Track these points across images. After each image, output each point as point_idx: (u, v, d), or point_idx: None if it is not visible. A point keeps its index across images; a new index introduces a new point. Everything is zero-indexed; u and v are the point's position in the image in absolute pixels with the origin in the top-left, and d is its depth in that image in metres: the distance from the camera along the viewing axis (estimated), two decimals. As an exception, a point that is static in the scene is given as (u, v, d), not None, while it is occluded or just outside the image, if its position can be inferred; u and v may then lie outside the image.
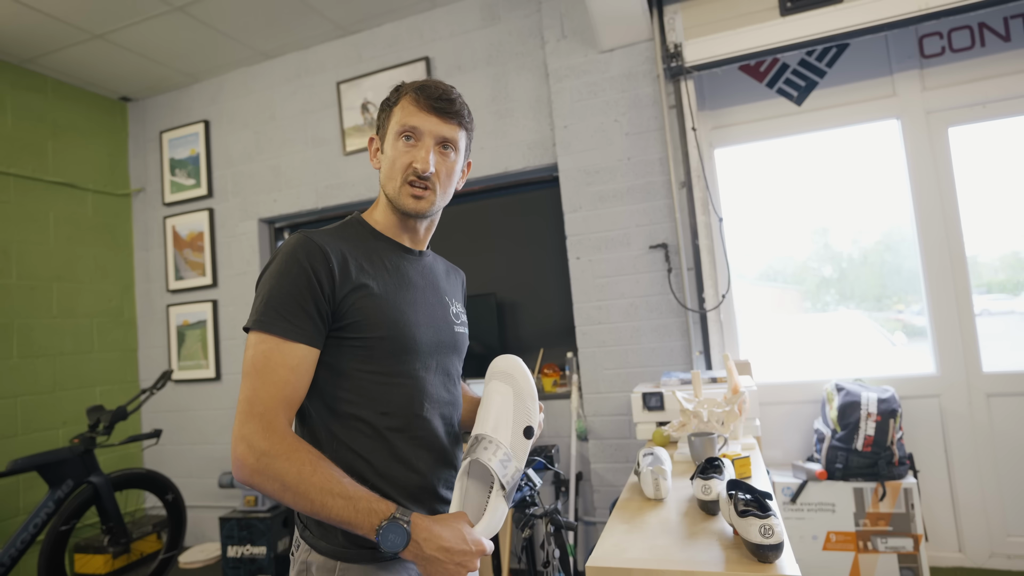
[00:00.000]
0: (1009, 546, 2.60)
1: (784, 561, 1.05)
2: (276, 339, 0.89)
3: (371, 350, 0.97)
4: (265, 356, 0.89)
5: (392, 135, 1.06)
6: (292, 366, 0.90)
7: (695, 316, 2.74)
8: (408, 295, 1.04)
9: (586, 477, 2.94)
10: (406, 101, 1.05)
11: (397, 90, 1.09)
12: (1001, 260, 2.78)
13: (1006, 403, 2.64)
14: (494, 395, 1.06)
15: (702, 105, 3.01)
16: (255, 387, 0.87)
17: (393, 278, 1.03)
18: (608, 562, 1.14)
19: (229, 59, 3.73)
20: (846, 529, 2.54)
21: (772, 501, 1.13)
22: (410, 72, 3.37)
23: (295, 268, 0.92)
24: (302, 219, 3.77)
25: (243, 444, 0.84)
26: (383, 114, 1.10)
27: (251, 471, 0.84)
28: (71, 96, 3.83)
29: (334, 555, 0.94)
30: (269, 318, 0.90)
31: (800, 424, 2.88)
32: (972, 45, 2.71)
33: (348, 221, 1.09)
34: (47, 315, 3.55)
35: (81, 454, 2.70)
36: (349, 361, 0.96)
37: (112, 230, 4.01)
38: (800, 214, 3.05)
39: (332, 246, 0.97)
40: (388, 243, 1.08)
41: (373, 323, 0.97)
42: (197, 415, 3.87)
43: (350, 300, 0.95)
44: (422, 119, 1.03)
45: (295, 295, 0.91)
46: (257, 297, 0.94)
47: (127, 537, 2.85)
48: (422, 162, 1.02)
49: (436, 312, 1.10)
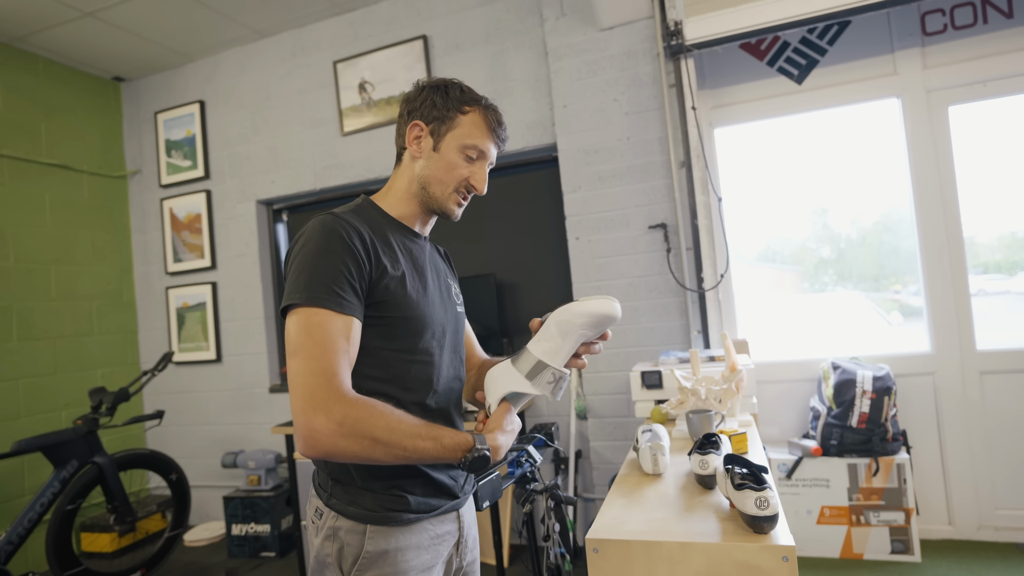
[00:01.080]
0: (997, 519, 2.67)
1: (779, 532, 1.08)
2: (329, 312, 0.91)
3: (394, 329, 1.01)
4: (322, 327, 0.90)
5: (456, 145, 1.07)
6: (348, 335, 0.93)
7: (693, 296, 2.77)
8: (423, 278, 1.09)
9: (585, 455, 2.98)
10: (478, 118, 1.08)
11: (461, 92, 1.10)
12: (999, 240, 2.80)
13: (998, 380, 2.68)
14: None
15: (702, 84, 3.00)
16: (316, 357, 0.88)
17: (408, 261, 1.07)
18: (608, 534, 1.17)
19: (223, 38, 3.68)
20: (840, 504, 2.60)
21: (768, 475, 1.16)
22: (407, 51, 3.34)
23: (340, 245, 0.95)
24: (301, 200, 3.77)
25: (319, 415, 0.86)
26: (443, 111, 1.08)
27: (335, 437, 0.86)
28: (63, 76, 3.79)
29: (363, 519, 0.99)
30: (320, 292, 0.91)
31: (796, 402, 2.92)
32: (974, 22, 2.69)
33: (361, 204, 1.11)
34: (46, 298, 3.56)
35: (85, 435, 2.73)
36: (374, 339, 0.99)
37: (109, 212, 4.00)
38: (799, 194, 3.06)
39: (363, 227, 1.00)
40: (400, 227, 1.11)
41: (397, 304, 1.00)
42: (199, 396, 3.90)
43: (380, 281, 0.98)
44: (489, 144, 1.10)
45: (343, 271, 0.93)
46: (297, 275, 0.94)
47: (132, 516, 2.89)
48: (482, 183, 1.10)
49: (443, 293, 1.15)
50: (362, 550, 0.98)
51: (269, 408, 3.69)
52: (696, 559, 1.08)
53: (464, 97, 1.09)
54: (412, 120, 1.09)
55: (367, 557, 0.97)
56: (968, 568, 2.43)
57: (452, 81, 1.11)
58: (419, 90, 1.11)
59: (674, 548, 1.10)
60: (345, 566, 0.98)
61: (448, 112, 1.07)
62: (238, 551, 3.32)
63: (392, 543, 0.99)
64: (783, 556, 1.03)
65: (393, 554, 0.98)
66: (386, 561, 0.98)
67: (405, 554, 1.00)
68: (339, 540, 0.99)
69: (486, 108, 1.09)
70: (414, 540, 1.01)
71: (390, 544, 0.99)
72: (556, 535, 1.80)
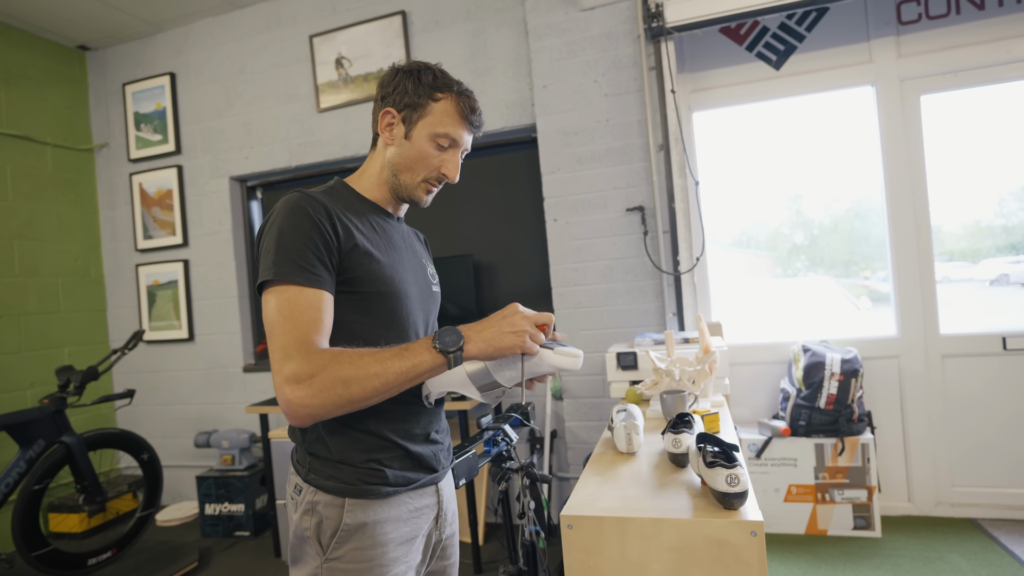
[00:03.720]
0: (954, 495, 2.77)
1: (748, 508, 1.10)
2: (298, 287, 0.91)
3: (370, 303, 1.00)
4: (291, 302, 0.90)
5: (427, 133, 1.05)
6: (317, 307, 0.92)
7: (669, 279, 2.78)
8: (397, 255, 1.08)
9: (560, 435, 3.01)
10: (450, 105, 1.05)
11: (434, 78, 1.05)
12: (964, 228, 2.86)
13: (959, 363, 2.76)
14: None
15: (681, 67, 2.99)
16: (286, 330, 0.89)
17: (382, 239, 1.06)
18: (582, 511, 1.18)
19: (195, 7, 3.55)
20: (806, 482, 2.66)
21: (738, 453, 1.18)
22: (386, 26, 3.26)
23: (306, 222, 0.94)
24: (275, 177, 3.68)
25: (290, 383, 0.86)
26: (414, 97, 1.05)
27: (309, 396, 0.86)
28: (23, 43, 3.62)
29: (341, 492, 0.98)
30: (288, 269, 0.91)
31: (767, 384, 2.97)
32: (948, 12, 2.72)
33: (334, 185, 1.10)
34: (9, 274, 3.43)
35: (52, 414, 2.66)
36: (349, 313, 0.98)
37: (75, 186, 3.85)
38: (775, 180, 3.08)
39: (331, 204, 0.99)
40: (374, 207, 1.10)
41: (371, 279, 1.00)
42: (171, 375, 3.82)
43: (351, 256, 0.98)
44: (462, 131, 1.07)
45: (309, 246, 0.93)
46: (266, 253, 0.94)
47: (102, 496, 2.84)
48: (454, 172, 1.09)
49: (418, 272, 1.14)
50: (341, 523, 0.97)
51: (244, 387, 3.64)
52: (668, 534, 1.09)
53: (437, 83, 1.05)
54: (384, 107, 1.07)
55: (346, 530, 0.97)
56: (925, 543, 2.51)
57: (426, 65, 1.07)
58: (392, 75, 1.08)
59: (647, 524, 1.11)
60: (324, 539, 0.98)
61: (419, 99, 1.05)
62: (211, 531, 3.29)
63: (371, 516, 0.99)
64: (751, 531, 1.05)
65: (372, 527, 0.98)
66: (365, 533, 0.98)
67: (384, 527, 1.00)
68: (318, 514, 0.98)
69: (459, 95, 1.06)
70: (393, 513, 1.01)
71: (368, 517, 0.98)
72: (531, 513, 1.81)
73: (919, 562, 2.36)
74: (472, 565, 2.63)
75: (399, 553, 1.01)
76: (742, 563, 1.05)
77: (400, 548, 1.02)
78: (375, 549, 0.98)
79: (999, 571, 2.26)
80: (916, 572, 2.29)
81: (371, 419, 1.01)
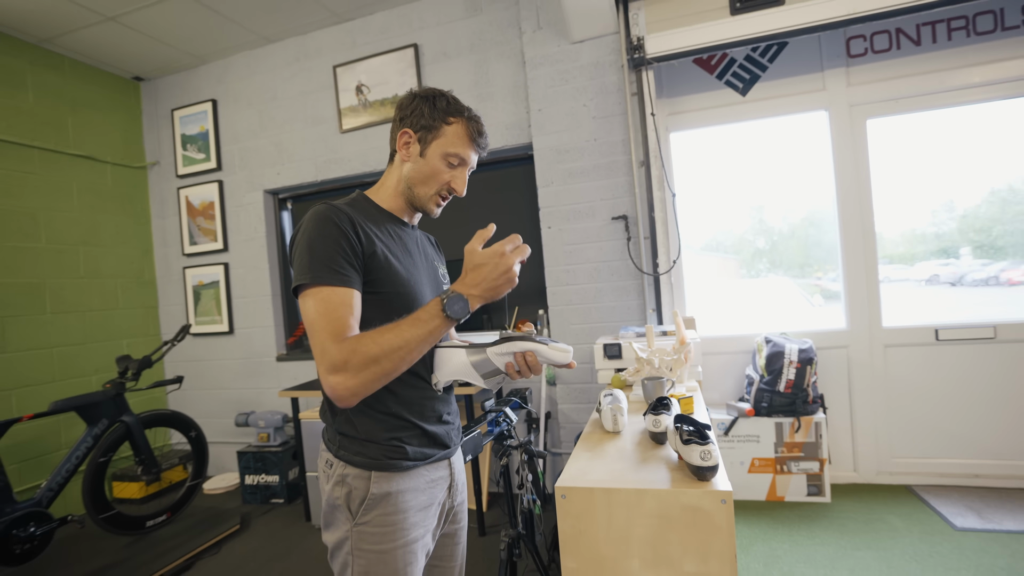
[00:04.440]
0: (893, 465, 2.78)
1: (719, 479, 1.11)
2: (331, 288, 0.91)
3: (390, 303, 1.00)
4: (326, 301, 0.90)
5: (440, 152, 1.05)
6: (348, 304, 0.92)
7: (649, 279, 2.79)
8: (412, 260, 1.08)
9: (554, 416, 3.01)
10: (461, 129, 1.05)
11: (447, 104, 1.05)
12: (902, 235, 2.87)
13: (899, 352, 2.78)
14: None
15: (660, 93, 2.99)
16: (323, 327, 0.89)
17: (399, 245, 1.06)
18: (574, 483, 1.19)
19: (233, 42, 3.54)
20: (767, 456, 2.68)
21: (710, 432, 1.19)
22: (400, 57, 3.25)
23: (334, 230, 0.94)
24: (303, 190, 3.67)
25: (330, 373, 0.87)
26: (430, 120, 1.05)
27: (348, 379, 0.87)
28: (87, 75, 3.61)
29: (368, 466, 0.99)
30: (322, 272, 0.91)
31: (735, 371, 2.98)
32: (890, 48, 2.72)
33: (356, 197, 1.10)
34: (75, 275, 3.43)
35: (113, 397, 2.66)
36: (371, 311, 0.98)
37: (131, 199, 3.85)
38: (740, 193, 3.08)
39: (354, 214, 0.99)
40: (391, 217, 1.10)
41: (390, 280, 1.00)
42: (214, 364, 3.83)
43: (372, 260, 0.98)
44: (470, 152, 1.07)
45: (338, 251, 0.93)
46: (300, 259, 0.94)
47: (157, 468, 2.84)
48: (462, 187, 1.09)
49: (431, 273, 1.14)
50: (368, 493, 0.99)
51: (277, 374, 3.64)
52: (649, 503, 1.11)
53: (450, 109, 1.06)
54: (402, 127, 1.07)
55: (372, 499, 0.99)
56: (867, 506, 2.53)
57: (441, 92, 1.07)
58: (410, 99, 1.08)
59: (630, 494, 1.12)
60: (353, 507, 0.99)
61: (434, 122, 1.05)
62: (251, 498, 3.30)
63: (394, 486, 1.00)
64: (722, 499, 1.06)
65: (395, 496, 1.00)
66: (388, 501, 0.99)
67: (405, 496, 1.01)
68: (347, 485, 0.99)
69: (469, 120, 1.07)
70: (412, 484, 1.02)
71: (392, 487, 1.00)
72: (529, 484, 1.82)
73: (862, 523, 2.38)
74: (477, 529, 2.64)
75: (418, 518, 1.03)
76: (713, 527, 1.06)
77: (419, 514, 1.03)
78: (397, 515, 1.00)
79: (928, 528, 2.28)
80: (860, 531, 2.31)
81: (392, 404, 1.01)
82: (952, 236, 2.80)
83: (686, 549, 1.07)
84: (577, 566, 1.15)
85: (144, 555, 2.53)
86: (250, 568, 2.48)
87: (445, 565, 1.16)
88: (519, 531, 1.72)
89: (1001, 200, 2.73)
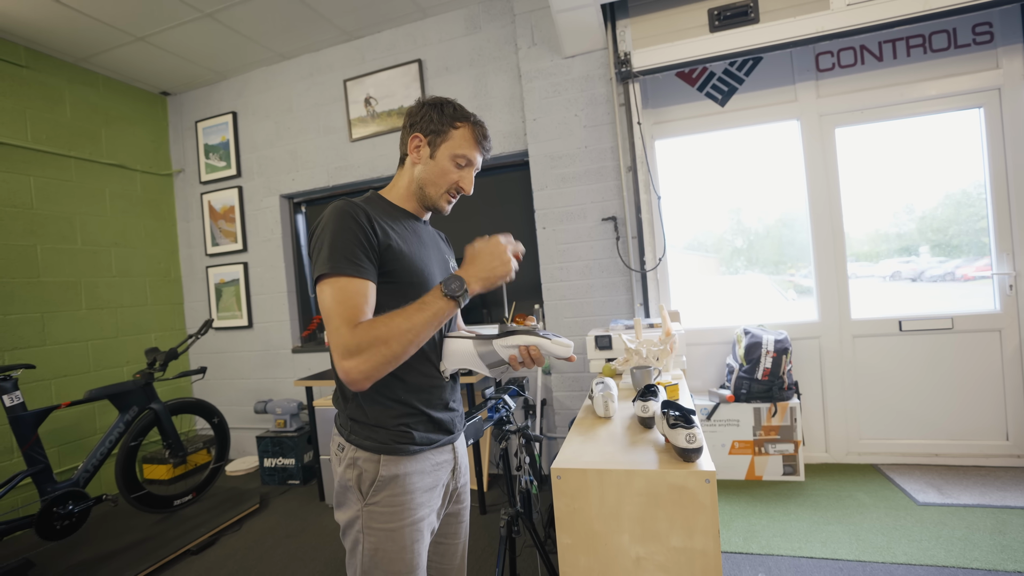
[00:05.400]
0: (861, 446, 2.78)
1: (703, 460, 1.10)
2: (346, 278, 0.89)
3: (404, 292, 0.98)
4: (343, 290, 0.89)
5: (448, 154, 1.04)
6: (363, 294, 0.90)
7: (637, 275, 2.77)
8: (425, 251, 1.07)
9: (549, 403, 3.00)
10: (467, 132, 1.05)
11: (454, 110, 1.05)
12: (867, 236, 2.85)
13: (866, 342, 2.77)
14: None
15: (646, 104, 2.96)
16: (338, 313, 0.87)
17: (413, 238, 1.05)
18: (568, 464, 1.17)
19: (252, 59, 3.50)
20: (746, 439, 2.66)
21: (695, 416, 1.17)
22: (405, 72, 3.22)
23: (352, 224, 0.93)
24: (316, 195, 3.64)
25: (344, 357, 0.85)
26: (438, 125, 1.04)
27: (360, 362, 0.85)
28: (119, 90, 3.58)
29: (377, 450, 0.98)
30: (341, 263, 0.90)
31: (716, 360, 2.97)
32: (855, 63, 2.70)
33: (371, 196, 1.08)
34: (108, 274, 3.41)
35: (143, 386, 2.64)
36: (385, 299, 0.96)
37: (158, 204, 3.81)
38: (720, 196, 3.06)
39: (371, 210, 0.98)
40: (404, 212, 1.09)
41: (404, 271, 0.98)
42: (234, 356, 3.80)
43: (387, 252, 0.96)
44: (476, 153, 1.07)
45: (355, 243, 0.91)
46: (319, 251, 0.92)
47: (184, 451, 2.82)
48: (469, 186, 1.08)
49: (442, 264, 1.13)
50: (377, 475, 0.97)
51: (292, 365, 3.62)
52: (638, 483, 1.09)
53: (456, 114, 1.05)
54: (413, 132, 1.06)
55: (381, 480, 0.97)
56: (838, 484, 2.52)
57: (447, 100, 1.07)
58: (420, 106, 1.07)
59: (621, 474, 1.10)
60: (364, 488, 0.98)
61: (442, 127, 1.04)
62: (269, 479, 3.28)
63: (401, 469, 0.98)
64: (706, 479, 1.04)
65: (402, 477, 0.98)
66: (396, 483, 0.98)
67: (412, 478, 0.99)
68: (358, 467, 0.98)
69: (474, 124, 1.06)
70: (418, 466, 1.01)
71: (400, 470, 0.98)
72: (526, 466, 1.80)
73: (833, 499, 2.37)
74: (478, 508, 2.63)
75: (424, 499, 1.01)
76: (698, 505, 1.04)
77: (425, 495, 1.01)
78: (405, 496, 0.98)
79: (893, 503, 2.27)
80: (831, 507, 2.30)
81: (401, 391, 1.00)
82: (912, 236, 2.79)
83: (673, 525, 1.06)
84: (572, 541, 1.14)
85: (172, 531, 2.51)
86: (269, 544, 2.46)
87: (449, 542, 1.14)
88: (518, 509, 1.71)
89: (956, 203, 2.72)
